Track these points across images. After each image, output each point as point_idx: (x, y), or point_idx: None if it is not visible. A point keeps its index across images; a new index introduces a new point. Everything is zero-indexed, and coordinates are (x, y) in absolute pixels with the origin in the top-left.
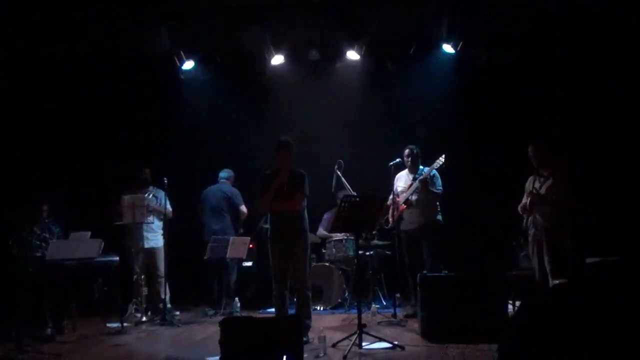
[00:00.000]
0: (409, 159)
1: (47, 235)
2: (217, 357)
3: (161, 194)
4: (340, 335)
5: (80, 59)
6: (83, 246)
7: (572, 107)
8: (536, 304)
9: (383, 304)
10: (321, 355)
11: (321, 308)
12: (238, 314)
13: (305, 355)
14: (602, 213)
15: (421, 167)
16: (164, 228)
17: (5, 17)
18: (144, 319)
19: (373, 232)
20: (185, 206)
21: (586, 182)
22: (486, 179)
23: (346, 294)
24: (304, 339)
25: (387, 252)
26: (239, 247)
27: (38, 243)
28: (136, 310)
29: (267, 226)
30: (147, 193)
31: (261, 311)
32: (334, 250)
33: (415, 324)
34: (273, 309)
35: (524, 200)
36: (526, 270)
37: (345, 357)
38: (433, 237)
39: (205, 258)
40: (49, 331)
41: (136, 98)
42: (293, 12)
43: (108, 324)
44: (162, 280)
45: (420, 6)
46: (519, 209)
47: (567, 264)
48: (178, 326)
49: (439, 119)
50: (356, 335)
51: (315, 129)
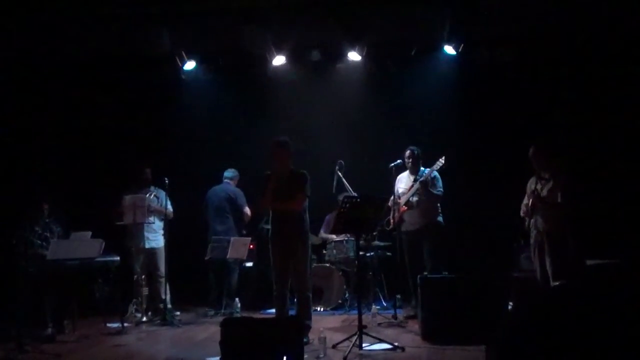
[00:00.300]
0: (410, 160)
1: (48, 234)
2: (218, 358)
3: (162, 194)
4: (340, 336)
5: (81, 59)
6: (84, 246)
7: (574, 109)
8: (534, 305)
9: (383, 305)
10: (321, 356)
11: (321, 309)
12: (238, 315)
13: (305, 356)
14: (603, 215)
15: (422, 169)
16: (165, 228)
17: (7, 17)
18: (145, 319)
19: (374, 233)
20: (186, 206)
21: (587, 184)
22: (487, 181)
23: (346, 295)
24: (304, 340)
25: (388, 253)
26: (240, 248)
27: (39, 242)
28: (137, 310)
29: (268, 227)
30: (148, 193)
31: (262, 312)
32: (335, 251)
33: (415, 325)
34: (273, 310)
35: (525, 201)
36: (527, 271)
37: (345, 358)
38: (434, 239)
39: (206, 258)
40: (50, 331)
41: (137, 98)
42: (294, 13)
43: (108, 324)
44: (163, 280)
45: (421, 7)
46: (521, 212)
47: (569, 266)
48: (178, 326)
49: (440, 120)
50: (356, 336)
51: (316, 130)
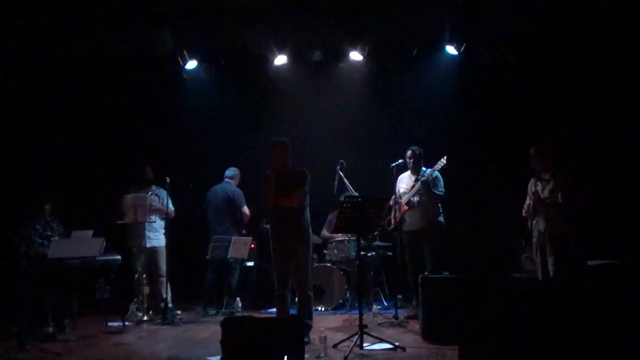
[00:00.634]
0: (411, 160)
1: (50, 233)
2: (219, 357)
3: (163, 193)
4: (341, 335)
5: (83, 58)
6: (85, 245)
7: (575, 109)
8: (536, 304)
9: (384, 305)
10: (322, 355)
11: (322, 308)
12: (239, 314)
13: (306, 355)
14: (605, 215)
15: (423, 169)
16: (166, 227)
17: (9, 16)
18: (146, 318)
19: (374, 233)
20: (187, 205)
21: (588, 185)
22: (488, 181)
23: (347, 295)
24: (305, 339)
25: (389, 253)
26: (241, 247)
27: (40, 241)
28: (137, 309)
29: (269, 226)
30: (149, 192)
31: (262, 311)
32: (336, 250)
33: (416, 325)
34: (274, 309)
35: (527, 202)
36: (528, 272)
37: (346, 358)
38: (435, 239)
39: (207, 257)
40: (50, 329)
41: (139, 97)
42: (296, 13)
43: (109, 323)
44: (164, 279)
45: (423, 7)
46: (524, 212)
47: (571, 267)
48: (179, 326)
49: (442, 120)
50: (357, 336)
51: (317, 130)
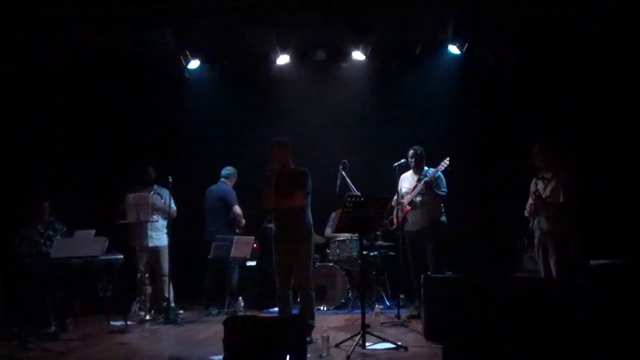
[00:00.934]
0: (413, 160)
1: (51, 233)
2: (221, 357)
3: (165, 193)
4: (343, 335)
5: (85, 58)
6: (88, 244)
7: (577, 109)
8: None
9: (387, 305)
10: (324, 355)
11: (325, 308)
12: (242, 313)
13: (308, 355)
14: (607, 215)
15: (426, 168)
16: (168, 227)
17: (12, 15)
18: (148, 318)
19: (377, 233)
20: (189, 205)
21: (590, 184)
22: (491, 181)
23: (350, 294)
24: (308, 339)
25: (391, 253)
26: (243, 247)
27: (42, 241)
28: (140, 308)
29: (271, 225)
30: (152, 192)
31: (265, 311)
32: (338, 250)
33: (418, 325)
34: (277, 309)
35: (529, 202)
36: (530, 272)
37: (348, 357)
38: (437, 239)
39: (209, 257)
40: (53, 329)
41: (141, 97)
42: (299, 12)
43: (112, 323)
44: (166, 279)
45: (426, 7)
46: (525, 212)
47: (573, 266)
48: (182, 325)
49: (444, 120)
50: (359, 335)
51: (320, 129)
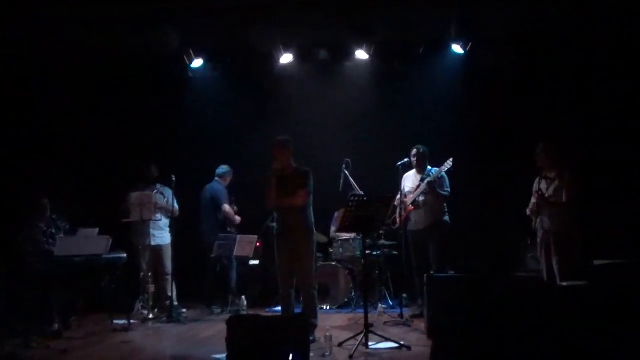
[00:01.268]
0: (415, 159)
1: (54, 231)
2: (224, 355)
3: (168, 192)
4: (346, 334)
5: (89, 56)
6: (91, 243)
7: (581, 108)
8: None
9: (390, 304)
10: (327, 354)
11: (328, 307)
12: (244, 312)
13: (311, 354)
14: (610, 214)
15: (429, 168)
16: (171, 226)
17: (15, 14)
18: (151, 316)
19: (380, 232)
20: (192, 204)
21: (593, 184)
22: (494, 180)
23: (353, 294)
24: (311, 338)
25: (394, 252)
26: (246, 246)
27: (45, 239)
28: (143, 307)
29: (274, 225)
30: (154, 190)
31: (268, 310)
32: (341, 249)
33: (421, 324)
34: (279, 308)
35: (532, 201)
36: (533, 271)
37: (351, 357)
38: (440, 238)
39: (212, 256)
40: (56, 327)
41: (145, 95)
42: (303, 11)
43: (115, 321)
44: (169, 277)
45: (429, 6)
46: (528, 211)
47: (575, 266)
48: (184, 324)
49: (448, 119)
50: (363, 334)
51: (323, 129)
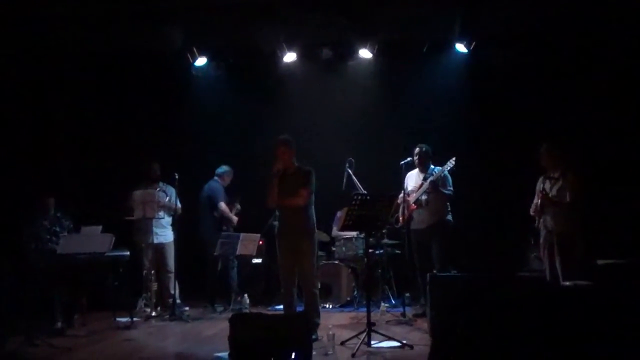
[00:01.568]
0: (418, 158)
1: (58, 229)
2: (226, 353)
3: (171, 190)
4: (349, 333)
5: (92, 55)
6: (94, 241)
7: (585, 108)
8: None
9: (392, 303)
10: (330, 352)
11: (330, 306)
12: (247, 311)
13: (314, 352)
14: (613, 214)
15: (432, 167)
16: (174, 224)
17: (18, 13)
18: (154, 314)
19: (383, 231)
20: (195, 202)
21: (597, 184)
22: (497, 180)
23: (355, 293)
24: (313, 337)
25: (397, 251)
26: (249, 245)
27: (48, 237)
28: (146, 305)
29: (277, 223)
30: (157, 189)
31: (270, 308)
32: (344, 248)
33: (424, 324)
34: (282, 306)
35: (535, 201)
36: (536, 271)
37: (354, 355)
38: (442, 237)
39: (215, 254)
40: (59, 325)
41: (148, 94)
42: (306, 10)
43: (118, 319)
44: (172, 275)
45: (433, 5)
46: (531, 211)
47: (579, 266)
48: (187, 322)
49: (451, 118)
50: (365, 333)
51: (326, 127)
